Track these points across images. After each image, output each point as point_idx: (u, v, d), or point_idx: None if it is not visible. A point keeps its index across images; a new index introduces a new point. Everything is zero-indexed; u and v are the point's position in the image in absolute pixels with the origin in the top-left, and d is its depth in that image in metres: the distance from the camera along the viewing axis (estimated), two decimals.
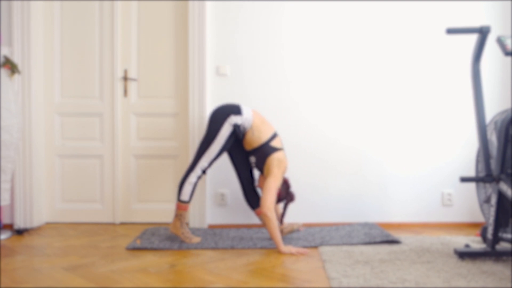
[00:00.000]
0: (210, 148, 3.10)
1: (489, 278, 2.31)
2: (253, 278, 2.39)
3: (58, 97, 3.82)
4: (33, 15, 3.60)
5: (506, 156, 2.59)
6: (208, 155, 3.11)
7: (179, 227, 3.14)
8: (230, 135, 3.11)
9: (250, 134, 3.14)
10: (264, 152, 3.12)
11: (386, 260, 2.66)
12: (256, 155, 3.16)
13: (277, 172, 3.05)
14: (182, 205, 3.13)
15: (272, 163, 3.08)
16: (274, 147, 3.13)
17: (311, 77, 3.71)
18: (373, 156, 3.71)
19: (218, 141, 3.09)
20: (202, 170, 3.12)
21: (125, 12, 3.80)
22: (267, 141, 3.13)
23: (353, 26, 3.71)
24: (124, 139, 3.81)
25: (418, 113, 3.71)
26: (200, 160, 3.11)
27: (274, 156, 3.10)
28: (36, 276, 2.44)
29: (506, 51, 2.59)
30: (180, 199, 3.13)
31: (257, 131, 3.13)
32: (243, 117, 3.12)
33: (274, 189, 2.99)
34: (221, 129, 3.09)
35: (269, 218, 2.92)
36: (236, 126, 3.10)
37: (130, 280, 2.36)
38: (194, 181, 3.12)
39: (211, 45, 3.70)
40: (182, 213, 3.14)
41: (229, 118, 3.10)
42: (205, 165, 3.12)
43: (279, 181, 3.05)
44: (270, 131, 3.17)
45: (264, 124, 3.18)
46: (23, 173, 3.59)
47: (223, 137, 3.10)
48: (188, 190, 3.11)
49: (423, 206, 3.70)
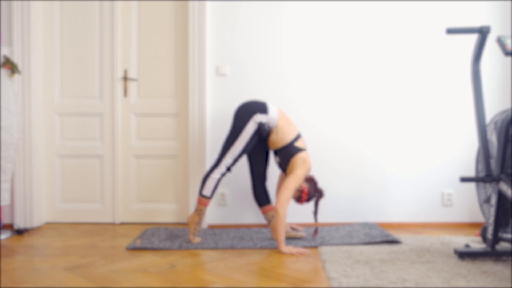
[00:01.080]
0: (234, 145, 3.10)
1: (489, 278, 2.31)
2: (253, 278, 2.39)
3: (58, 97, 3.83)
4: (33, 15, 3.60)
5: (506, 156, 2.59)
6: (233, 152, 3.10)
7: (196, 222, 3.13)
8: (255, 133, 3.11)
9: (274, 135, 3.13)
10: (288, 152, 3.11)
11: (386, 260, 2.66)
12: (280, 155, 3.15)
13: (300, 172, 3.04)
14: (203, 200, 3.13)
15: (296, 163, 3.07)
16: (299, 148, 3.12)
17: (311, 77, 3.71)
18: (373, 156, 3.71)
19: (242, 138, 3.09)
20: (226, 167, 3.12)
21: (125, 12, 3.80)
22: (292, 142, 3.12)
23: (352, 26, 3.71)
24: (124, 139, 3.81)
25: (418, 112, 3.71)
26: (225, 156, 3.11)
27: (298, 156, 3.09)
28: (36, 276, 2.44)
29: (506, 51, 2.59)
30: (202, 193, 3.12)
31: (281, 132, 3.13)
32: (268, 116, 3.12)
33: (293, 188, 2.98)
34: (246, 126, 3.09)
35: (279, 215, 2.91)
36: (261, 124, 3.09)
37: (130, 280, 2.36)
38: (217, 177, 3.11)
39: (211, 45, 3.70)
40: (202, 208, 3.13)
41: (254, 116, 3.09)
42: (230, 162, 3.11)
43: (300, 181, 3.03)
44: (295, 132, 3.17)
45: (289, 125, 3.18)
46: (23, 173, 3.59)
47: (247, 135, 3.09)
48: (211, 185, 3.11)
49: (423, 206, 3.70)
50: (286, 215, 2.95)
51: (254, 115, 3.10)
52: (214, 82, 3.71)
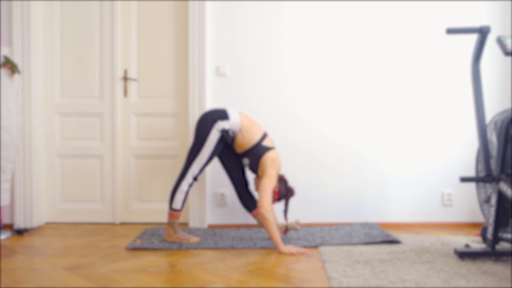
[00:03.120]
0: (200, 155, 3.09)
1: (489, 278, 2.31)
2: (253, 278, 2.39)
3: (58, 97, 3.82)
4: (33, 15, 3.60)
5: (506, 156, 2.59)
6: (198, 162, 3.10)
7: (172, 235, 3.13)
8: (219, 141, 3.11)
9: (240, 137, 3.13)
10: (257, 152, 3.11)
11: (386, 260, 2.66)
12: (249, 156, 3.15)
13: (272, 172, 3.05)
14: (174, 213, 3.13)
15: (266, 163, 3.07)
16: (266, 147, 3.12)
17: (311, 77, 3.71)
18: (373, 156, 3.71)
19: (207, 147, 3.09)
20: (193, 177, 3.12)
21: (125, 12, 3.80)
22: (259, 142, 3.12)
23: (352, 26, 3.71)
24: (124, 139, 3.81)
25: (418, 112, 3.71)
26: (191, 167, 3.11)
27: (267, 156, 3.09)
28: (36, 276, 2.44)
29: (506, 51, 2.59)
30: (172, 207, 3.13)
31: (246, 132, 3.12)
32: (230, 122, 3.11)
33: (270, 189, 2.99)
34: (209, 135, 3.08)
35: (267, 219, 2.91)
36: (224, 131, 3.09)
37: (130, 280, 2.36)
38: (186, 189, 3.12)
39: (211, 45, 3.70)
40: (174, 221, 3.14)
41: (216, 124, 3.08)
42: (196, 172, 3.12)
43: (274, 180, 3.04)
44: (260, 131, 3.16)
45: (253, 125, 3.17)
46: (23, 173, 3.59)
47: (212, 143, 3.09)
48: (180, 198, 3.12)
49: (423, 206, 3.70)
50: (274, 216, 2.94)
51: (215, 123, 3.09)
52: (214, 82, 3.71)
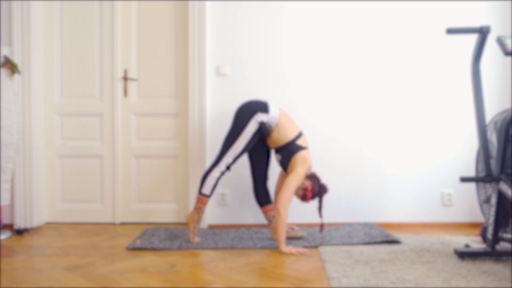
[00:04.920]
0: (235, 144, 3.10)
1: (489, 278, 2.31)
2: (253, 278, 2.39)
3: (58, 97, 3.82)
4: (33, 15, 3.60)
5: (506, 156, 2.59)
6: (233, 151, 3.11)
7: (195, 220, 3.13)
8: (256, 132, 3.12)
9: (275, 133, 3.14)
10: (290, 150, 3.11)
11: (386, 260, 2.66)
12: (282, 153, 3.16)
13: (300, 170, 3.04)
14: (202, 199, 3.13)
15: (296, 161, 3.08)
16: (300, 146, 3.13)
17: (311, 77, 3.71)
18: (373, 156, 3.71)
19: (243, 137, 3.10)
20: (226, 165, 3.12)
21: (125, 12, 3.80)
22: (293, 140, 3.13)
23: (352, 26, 3.71)
24: (124, 139, 3.81)
25: (418, 112, 3.71)
26: (225, 155, 3.11)
27: (299, 154, 3.09)
28: (36, 276, 2.44)
29: (506, 51, 2.59)
30: (201, 192, 3.13)
31: (282, 129, 3.13)
32: (269, 115, 3.12)
33: (294, 187, 2.98)
34: (247, 125, 3.09)
35: (281, 215, 2.91)
36: (262, 123, 3.10)
37: (130, 280, 2.36)
38: (217, 176, 3.12)
39: (211, 45, 3.70)
40: (201, 207, 3.13)
41: (256, 115, 3.10)
42: (230, 161, 3.12)
43: (300, 179, 3.03)
44: (296, 130, 3.17)
45: (290, 123, 3.18)
46: (23, 173, 3.59)
47: (248, 134, 3.10)
48: (210, 184, 3.11)
49: (423, 206, 3.70)
50: (288, 215, 2.94)
51: (255, 114, 3.10)
52: (214, 82, 3.71)
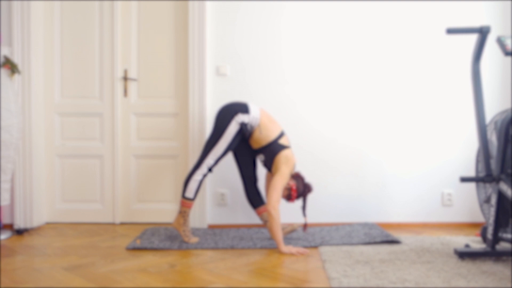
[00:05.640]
0: (217, 146, 3.10)
1: (489, 278, 2.31)
2: (253, 278, 2.39)
3: (58, 97, 3.83)
4: (33, 15, 3.60)
5: (506, 156, 2.59)
6: (215, 153, 3.11)
7: (182, 224, 3.14)
8: (237, 133, 3.12)
9: (257, 133, 3.14)
10: (273, 150, 3.12)
11: (386, 260, 2.66)
12: (265, 153, 3.16)
13: (285, 170, 3.05)
14: (186, 202, 3.13)
15: (280, 161, 3.08)
16: (282, 145, 3.13)
17: (311, 77, 3.71)
18: (373, 156, 3.71)
19: (225, 139, 3.10)
20: (208, 168, 3.12)
21: (125, 12, 3.80)
22: (275, 139, 3.13)
23: (352, 26, 3.71)
24: (124, 139, 3.81)
25: (418, 112, 3.71)
26: (207, 157, 3.11)
27: (282, 154, 3.10)
28: (36, 276, 2.44)
29: (506, 51, 2.59)
30: (184, 195, 3.13)
31: (264, 129, 3.13)
32: (250, 116, 3.12)
33: (281, 187, 2.99)
34: (228, 127, 3.09)
35: (273, 216, 2.92)
36: (243, 124, 3.10)
37: (130, 280, 2.36)
38: (199, 179, 3.12)
39: (211, 45, 3.70)
40: (186, 210, 3.14)
41: (236, 116, 3.10)
42: (211, 163, 3.12)
43: (286, 179, 3.04)
44: (278, 130, 3.17)
45: (272, 123, 3.19)
46: (23, 173, 3.59)
47: (230, 135, 3.10)
48: (193, 187, 3.12)
49: (423, 206, 3.71)
50: (280, 215, 2.95)
51: (236, 115, 3.10)
52: (214, 82, 3.71)
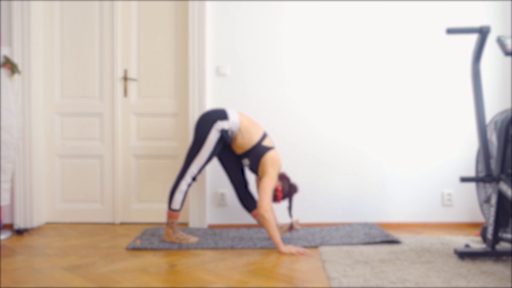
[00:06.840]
0: (199, 155, 3.08)
1: (489, 278, 2.31)
2: (253, 278, 2.39)
3: (58, 97, 3.83)
4: (33, 15, 3.60)
5: (506, 156, 2.59)
6: (198, 162, 3.09)
7: (171, 235, 3.13)
8: (219, 141, 3.09)
9: (240, 138, 3.11)
10: (257, 153, 3.10)
11: (386, 260, 2.66)
12: (249, 157, 3.14)
13: (272, 172, 3.04)
14: (173, 214, 3.12)
15: (266, 163, 3.07)
16: (267, 147, 3.11)
17: (311, 77, 3.71)
18: (373, 156, 3.71)
19: (206, 147, 3.07)
20: (192, 177, 3.11)
21: (125, 12, 3.80)
22: (259, 142, 3.11)
23: (352, 26, 3.71)
24: (124, 139, 3.81)
25: (418, 112, 3.71)
26: (190, 167, 3.09)
27: (267, 156, 3.08)
28: (36, 276, 2.44)
29: (506, 51, 2.59)
30: (171, 207, 3.12)
31: (246, 133, 3.11)
32: (230, 121, 3.10)
33: (270, 189, 2.98)
34: (208, 135, 3.06)
35: (267, 219, 2.91)
36: (223, 131, 3.07)
37: (130, 280, 2.36)
38: (184, 189, 3.11)
39: (211, 45, 3.70)
40: (173, 221, 3.13)
41: (216, 124, 3.07)
42: (195, 172, 3.10)
43: (275, 181, 3.04)
44: (260, 131, 3.15)
45: (253, 125, 3.16)
46: (23, 173, 3.59)
47: (211, 143, 3.07)
48: (179, 198, 3.11)
49: (423, 206, 3.70)
50: (274, 217, 2.94)
51: (215, 123, 3.07)
52: (214, 82, 3.71)
